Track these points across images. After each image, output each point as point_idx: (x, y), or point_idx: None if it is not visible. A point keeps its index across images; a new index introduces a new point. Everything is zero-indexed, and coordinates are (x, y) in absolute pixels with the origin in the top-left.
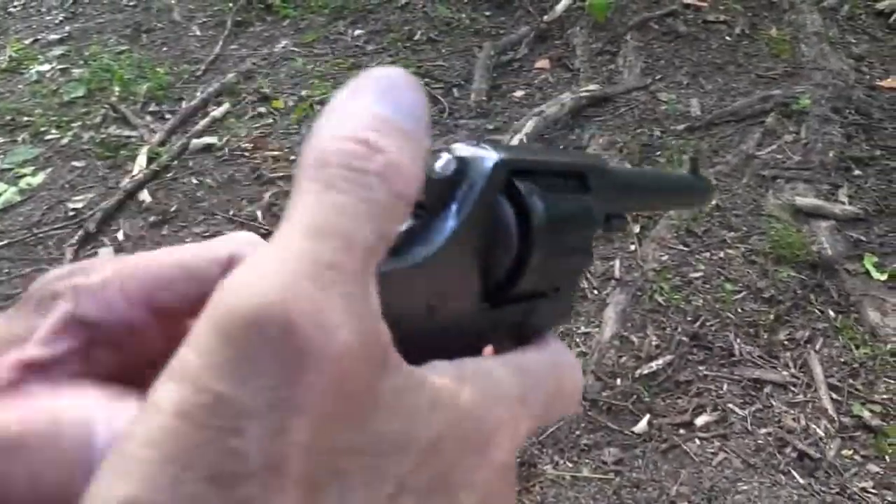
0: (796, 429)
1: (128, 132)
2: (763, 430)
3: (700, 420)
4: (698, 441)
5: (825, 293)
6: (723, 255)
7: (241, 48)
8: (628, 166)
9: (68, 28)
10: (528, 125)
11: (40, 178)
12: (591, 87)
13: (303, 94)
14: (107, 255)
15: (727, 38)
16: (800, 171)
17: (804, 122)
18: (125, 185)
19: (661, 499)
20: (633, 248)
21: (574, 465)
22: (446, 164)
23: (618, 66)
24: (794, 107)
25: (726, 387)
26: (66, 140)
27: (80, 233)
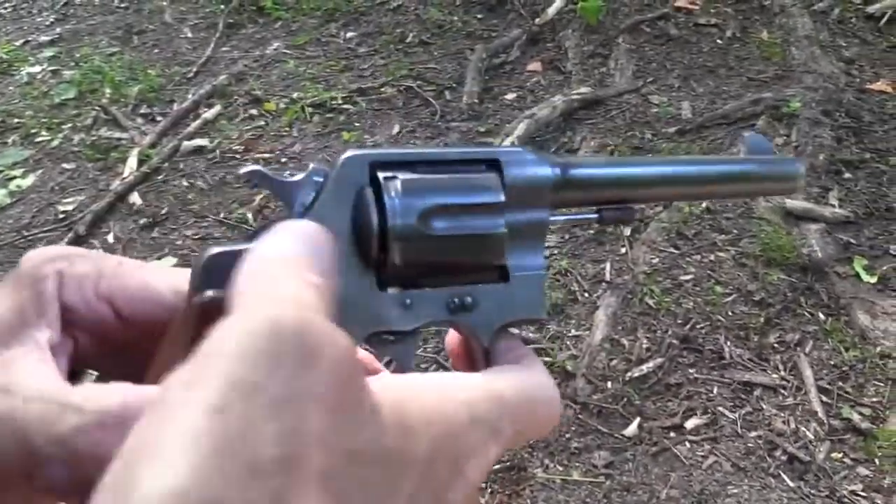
0: (786, 432)
1: (118, 134)
2: (753, 433)
3: (690, 423)
4: (688, 444)
5: (815, 296)
6: (713, 257)
7: (232, 50)
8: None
9: (59, 30)
10: (520, 127)
11: (30, 180)
12: (583, 89)
13: (294, 96)
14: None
15: (718, 41)
16: None
17: (795, 125)
18: (116, 188)
19: (651, 502)
20: (623, 250)
21: (564, 469)
22: (315, 169)
23: (609, 68)
24: (785, 110)
25: (716, 390)
26: (56, 142)
27: (70, 235)
